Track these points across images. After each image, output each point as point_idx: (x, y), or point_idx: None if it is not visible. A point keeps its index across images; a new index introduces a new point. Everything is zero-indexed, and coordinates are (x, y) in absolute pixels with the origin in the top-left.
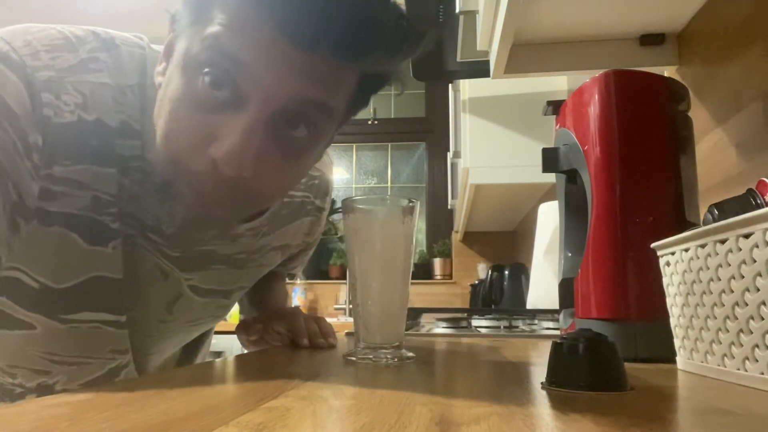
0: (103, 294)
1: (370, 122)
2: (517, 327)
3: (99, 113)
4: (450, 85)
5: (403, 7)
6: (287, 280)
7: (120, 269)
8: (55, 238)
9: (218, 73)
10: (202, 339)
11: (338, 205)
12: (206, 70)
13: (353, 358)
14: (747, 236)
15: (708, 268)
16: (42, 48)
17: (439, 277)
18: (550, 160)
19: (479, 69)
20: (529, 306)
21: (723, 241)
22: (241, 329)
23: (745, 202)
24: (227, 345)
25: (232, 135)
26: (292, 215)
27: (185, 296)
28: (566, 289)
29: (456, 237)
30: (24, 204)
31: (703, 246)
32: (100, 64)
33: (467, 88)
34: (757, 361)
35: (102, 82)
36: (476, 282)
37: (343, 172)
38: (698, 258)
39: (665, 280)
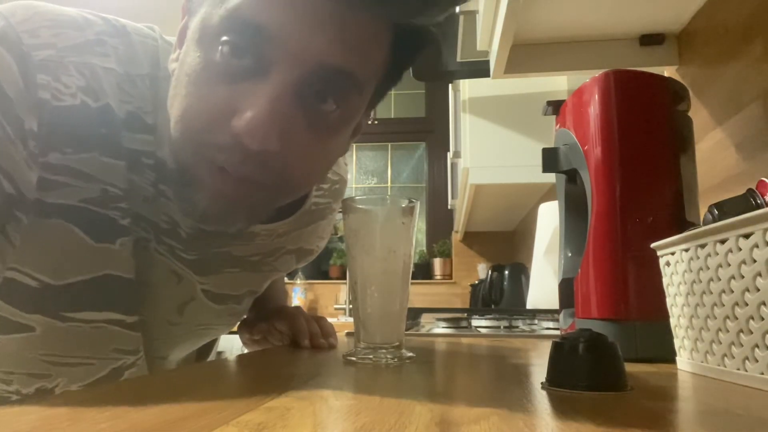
0: (111, 293)
1: (370, 122)
2: (517, 327)
3: (106, 99)
4: (450, 85)
5: None
6: (287, 280)
7: (131, 268)
8: (53, 231)
9: (239, 40)
10: (215, 339)
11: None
12: (225, 38)
13: (353, 358)
14: (747, 236)
15: (708, 268)
16: (44, 24)
17: (439, 277)
18: (550, 160)
19: (479, 69)
20: (529, 306)
21: (723, 241)
22: (244, 329)
23: (745, 202)
24: (227, 345)
25: (256, 104)
26: (311, 220)
27: (197, 299)
28: (566, 289)
29: (456, 237)
30: (23, 196)
31: (703, 246)
32: (108, 49)
33: (467, 88)
34: (757, 361)
35: (108, 67)
36: (476, 282)
37: None
38: (698, 258)
39: (665, 280)
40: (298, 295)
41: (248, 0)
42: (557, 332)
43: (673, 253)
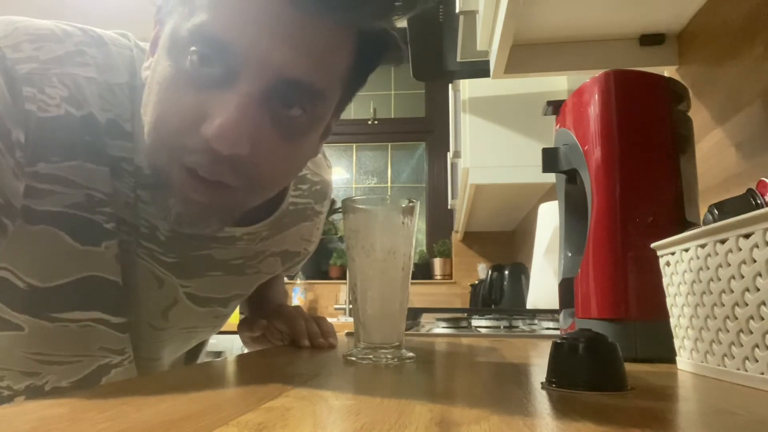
0: (96, 293)
1: (370, 122)
2: (517, 327)
3: (89, 108)
4: (450, 85)
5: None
6: (286, 280)
7: (116, 271)
8: (41, 236)
9: (206, 52)
10: (203, 341)
11: (338, 205)
12: (193, 48)
13: (353, 358)
14: (747, 236)
15: (708, 268)
16: (25, 39)
17: (439, 277)
18: (550, 160)
19: (479, 69)
20: (529, 306)
21: (723, 241)
22: (244, 326)
23: (745, 202)
24: (227, 345)
25: (225, 111)
26: (293, 221)
27: (181, 303)
28: (566, 289)
29: (456, 237)
30: (10, 205)
31: (703, 246)
32: (87, 58)
33: (467, 88)
34: (757, 361)
35: (88, 77)
36: (476, 282)
37: (343, 172)
38: (698, 258)
39: (665, 280)
40: (298, 295)
41: (213, 17)
42: (557, 332)
43: (673, 253)
